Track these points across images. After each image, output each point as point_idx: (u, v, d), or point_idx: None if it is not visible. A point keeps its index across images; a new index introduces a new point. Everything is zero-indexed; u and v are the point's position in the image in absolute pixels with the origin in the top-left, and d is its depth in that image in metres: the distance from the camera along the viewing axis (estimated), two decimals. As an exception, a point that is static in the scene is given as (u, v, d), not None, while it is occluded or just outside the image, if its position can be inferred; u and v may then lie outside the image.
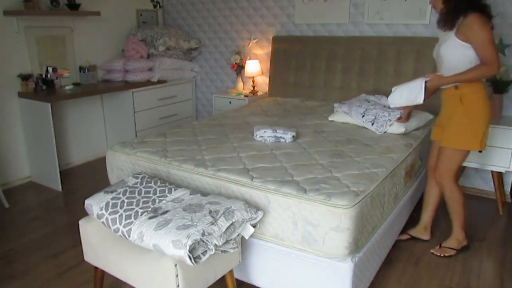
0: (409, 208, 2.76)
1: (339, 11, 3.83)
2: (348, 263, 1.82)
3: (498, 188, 3.19)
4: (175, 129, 2.97)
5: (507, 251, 2.65)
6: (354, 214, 1.75)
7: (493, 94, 3.14)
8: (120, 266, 1.80)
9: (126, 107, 4.23)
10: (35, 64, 3.75)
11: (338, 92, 3.80)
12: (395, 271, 2.42)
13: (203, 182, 2.15)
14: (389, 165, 2.24)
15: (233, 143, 2.61)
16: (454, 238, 2.58)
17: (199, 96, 5.04)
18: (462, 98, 2.30)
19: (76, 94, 3.73)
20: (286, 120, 3.21)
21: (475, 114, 2.30)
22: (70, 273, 2.42)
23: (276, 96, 4.15)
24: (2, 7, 3.46)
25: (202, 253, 1.56)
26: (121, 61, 4.24)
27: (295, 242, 1.89)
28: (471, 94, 2.29)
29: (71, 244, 2.73)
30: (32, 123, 3.63)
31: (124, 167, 2.51)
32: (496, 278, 2.37)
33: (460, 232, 2.56)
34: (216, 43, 4.73)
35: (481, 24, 2.15)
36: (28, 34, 3.67)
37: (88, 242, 1.94)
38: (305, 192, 1.86)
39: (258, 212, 1.79)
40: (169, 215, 1.69)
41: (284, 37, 4.16)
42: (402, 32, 3.57)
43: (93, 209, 1.83)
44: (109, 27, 4.41)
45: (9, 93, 3.61)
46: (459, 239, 2.57)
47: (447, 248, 2.58)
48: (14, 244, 2.75)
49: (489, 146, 3.01)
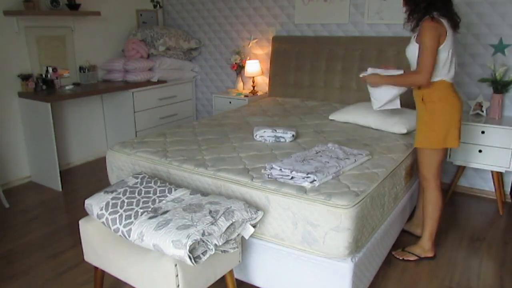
0: (409, 208, 2.76)
1: (339, 11, 3.83)
2: (348, 263, 1.82)
3: (498, 188, 3.19)
4: (175, 129, 2.97)
5: (507, 251, 2.65)
6: (354, 214, 1.75)
7: (493, 94, 3.15)
8: (120, 266, 1.80)
9: (126, 107, 4.23)
10: (35, 64, 3.75)
11: (338, 92, 3.80)
12: (395, 271, 2.42)
13: (203, 182, 2.15)
14: (389, 165, 2.24)
15: (233, 143, 2.61)
16: (419, 245, 2.52)
17: (199, 96, 5.04)
18: (424, 98, 2.32)
19: (76, 94, 3.73)
20: (286, 120, 3.21)
21: (436, 112, 2.29)
22: (70, 273, 2.42)
23: (276, 96, 4.15)
24: (2, 7, 3.46)
25: (202, 253, 1.56)
26: (121, 61, 4.24)
27: (295, 242, 1.89)
28: (432, 93, 2.29)
29: (71, 244, 2.73)
30: (32, 123, 3.63)
31: (124, 167, 2.51)
32: (496, 278, 2.37)
33: (427, 242, 2.50)
34: (216, 43, 4.73)
35: (428, 30, 2.17)
36: (28, 34, 3.67)
37: (88, 242, 1.94)
38: (305, 192, 1.86)
39: (258, 212, 1.79)
40: (169, 215, 1.69)
41: (284, 37, 4.16)
42: (402, 32, 3.56)
43: (93, 209, 1.83)
44: (109, 27, 4.41)
45: (9, 93, 3.61)
46: (424, 248, 2.51)
47: (408, 252, 2.53)
48: (14, 244, 2.75)
49: (489, 146, 3.02)
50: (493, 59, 3.23)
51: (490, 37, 3.22)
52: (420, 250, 2.52)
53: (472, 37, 3.29)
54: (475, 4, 3.22)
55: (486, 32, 3.23)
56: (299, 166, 2.03)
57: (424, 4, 2.21)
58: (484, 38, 3.25)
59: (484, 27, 3.22)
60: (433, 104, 2.29)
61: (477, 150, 3.07)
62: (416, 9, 2.25)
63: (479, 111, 3.23)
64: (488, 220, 3.08)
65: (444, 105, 2.29)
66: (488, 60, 3.25)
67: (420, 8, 2.22)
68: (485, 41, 3.24)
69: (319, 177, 1.94)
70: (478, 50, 3.28)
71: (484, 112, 3.22)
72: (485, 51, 3.26)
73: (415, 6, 2.25)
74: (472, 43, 3.30)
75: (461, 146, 2.46)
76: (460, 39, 3.32)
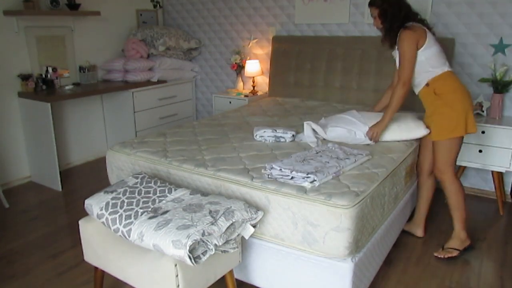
0: (409, 208, 2.76)
1: (339, 11, 3.83)
2: (348, 263, 1.82)
3: (498, 188, 3.19)
4: (175, 129, 2.97)
5: (507, 251, 2.65)
6: (354, 214, 1.74)
7: (493, 94, 3.14)
8: (120, 266, 1.80)
9: (126, 107, 4.23)
10: (35, 64, 3.75)
11: (338, 92, 3.80)
12: (395, 271, 2.42)
13: (203, 182, 2.15)
14: (389, 165, 2.24)
15: (233, 143, 2.60)
16: (455, 237, 2.56)
17: (199, 96, 5.04)
18: (436, 91, 2.40)
19: (76, 94, 3.73)
20: (286, 120, 3.21)
21: (453, 101, 2.37)
22: (70, 273, 2.42)
23: (276, 96, 4.14)
24: (2, 7, 3.46)
25: (202, 253, 1.56)
26: (121, 61, 4.24)
27: (295, 242, 1.89)
28: (443, 84, 2.39)
29: (71, 244, 2.73)
30: (32, 123, 3.63)
31: (124, 167, 2.51)
32: (496, 278, 2.37)
33: (461, 231, 2.54)
34: (216, 43, 4.73)
35: (405, 39, 2.34)
36: (28, 34, 3.67)
37: (88, 242, 1.94)
38: (305, 192, 1.86)
39: (258, 212, 1.79)
40: (169, 215, 1.68)
41: (284, 37, 4.16)
42: (402, 32, 3.57)
43: (93, 209, 1.83)
44: (109, 27, 4.41)
45: (9, 93, 3.61)
46: (461, 238, 2.55)
47: (450, 249, 2.56)
48: (14, 244, 2.75)
49: (489, 146, 3.02)
50: (493, 59, 3.22)
51: (490, 37, 3.22)
52: (458, 243, 2.55)
53: (472, 37, 3.29)
54: (475, 4, 3.22)
55: (486, 32, 3.22)
56: (299, 166, 2.03)
57: (397, 23, 2.39)
58: (484, 38, 3.24)
59: (484, 27, 3.22)
60: (448, 94, 2.38)
61: (477, 150, 3.07)
62: (391, 28, 2.42)
63: (479, 111, 3.23)
64: (489, 220, 3.08)
65: (458, 93, 2.38)
66: (489, 60, 3.24)
67: (394, 27, 2.40)
68: (485, 41, 3.24)
69: (319, 177, 1.93)
70: (478, 50, 3.28)
71: (484, 112, 3.22)
72: (485, 51, 3.26)
73: (390, 26, 2.42)
74: (472, 43, 3.30)
75: (462, 146, 2.49)
76: (460, 39, 3.32)
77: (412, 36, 2.33)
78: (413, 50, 2.34)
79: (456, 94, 2.38)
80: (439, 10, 3.36)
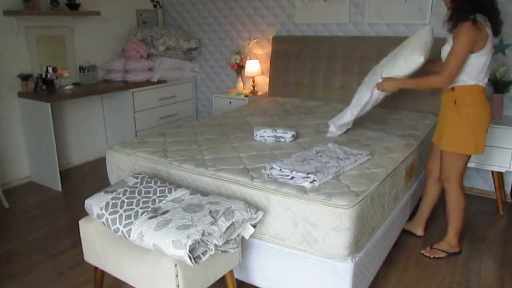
0: (409, 208, 2.76)
1: (339, 11, 3.83)
2: (348, 263, 1.82)
3: (498, 188, 3.19)
4: (175, 129, 2.97)
5: (507, 251, 2.65)
6: (354, 214, 1.74)
7: (493, 94, 3.14)
8: (120, 266, 1.80)
9: (126, 107, 4.23)
10: (35, 64, 3.75)
11: (338, 92, 3.80)
12: (395, 271, 2.42)
13: (203, 182, 2.15)
14: (389, 165, 2.24)
15: (233, 143, 2.60)
16: (446, 242, 2.57)
17: (199, 96, 5.04)
18: (456, 101, 2.28)
19: (76, 94, 3.73)
20: (286, 120, 3.21)
21: (468, 117, 2.26)
22: (70, 273, 2.42)
23: (276, 96, 4.14)
24: (2, 7, 3.46)
25: (202, 253, 1.56)
26: (121, 61, 4.24)
27: (295, 242, 1.89)
28: (466, 97, 2.26)
29: (71, 244, 2.73)
30: (32, 123, 3.63)
31: (124, 167, 2.51)
32: (496, 278, 2.37)
33: (453, 238, 2.54)
34: (216, 43, 4.73)
35: (465, 34, 2.09)
36: (28, 34, 3.67)
37: (88, 242, 1.94)
38: (305, 192, 1.86)
39: (258, 212, 1.79)
40: (169, 215, 1.68)
41: (284, 37, 4.16)
42: (402, 32, 3.57)
43: (93, 209, 1.83)
44: (109, 27, 4.41)
45: (9, 93, 3.61)
46: (451, 244, 2.56)
47: (437, 249, 2.57)
48: (14, 244, 2.75)
49: (489, 146, 3.01)
50: (493, 59, 3.22)
51: (490, 37, 3.21)
52: (447, 246, 2.56)
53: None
54: (475, 4, 3.21)
55: (486, 32, 3.22)
56: (299, 166, 2.03)
57: (469, 6, 2.09)
58: (484, 38, 3.24)
59: (484, 27, 3.22)
60: (466, 107, 2.25)
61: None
62: (459, 9, 2.13)
63: (479, 111, 3.22)
64: (489, 220, 3.08)
65: (477, 110, 2.26)
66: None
67: (465, 9, 2.10)
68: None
69: (319, 177, 1.93)
70: (478, 50, 3.28)
71: (484, 112, 3.22)
72: (485, 51, 3.25)
73: (459, 6, 2.13)
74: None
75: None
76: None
77: (475, 34, 2.09)
78: (468, 50, 2.12)
79: (476, 110, 2.25)
80: (439, 10, 3.36)
